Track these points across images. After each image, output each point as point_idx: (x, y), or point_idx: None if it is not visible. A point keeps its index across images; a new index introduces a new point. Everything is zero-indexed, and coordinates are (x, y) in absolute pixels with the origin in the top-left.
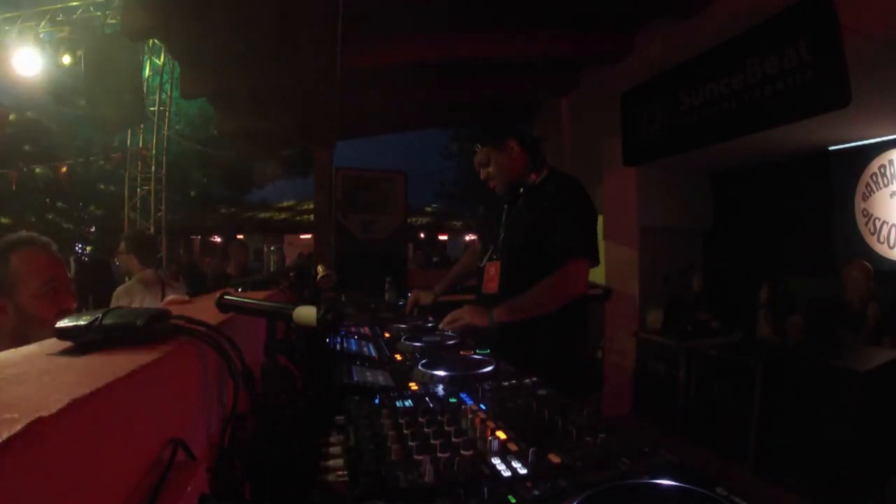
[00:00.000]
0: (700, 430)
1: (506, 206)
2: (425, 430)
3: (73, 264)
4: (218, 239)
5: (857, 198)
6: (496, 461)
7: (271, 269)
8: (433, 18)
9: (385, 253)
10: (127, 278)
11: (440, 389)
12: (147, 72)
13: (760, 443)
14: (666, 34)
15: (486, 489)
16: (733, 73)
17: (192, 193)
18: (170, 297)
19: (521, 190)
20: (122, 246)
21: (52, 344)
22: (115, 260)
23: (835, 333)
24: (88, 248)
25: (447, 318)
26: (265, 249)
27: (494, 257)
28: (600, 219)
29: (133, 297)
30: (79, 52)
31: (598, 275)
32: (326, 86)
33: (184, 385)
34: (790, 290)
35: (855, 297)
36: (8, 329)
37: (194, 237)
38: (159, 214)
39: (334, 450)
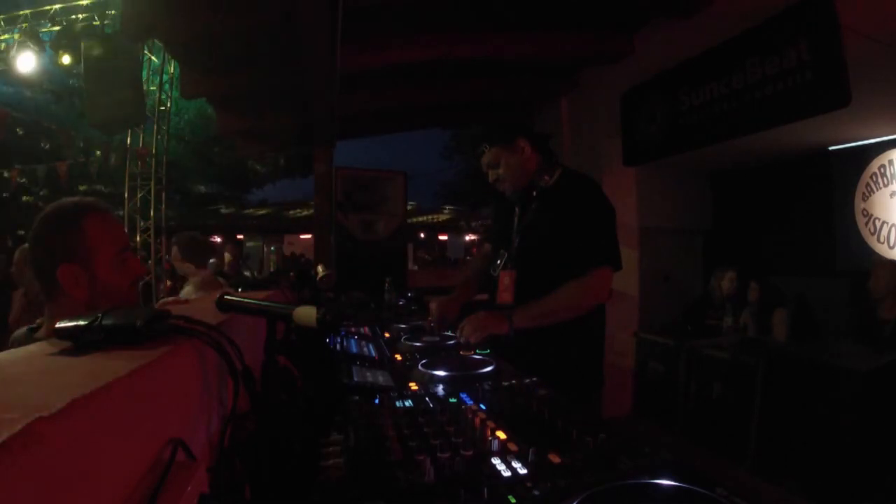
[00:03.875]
0: (700, 430)
1: (517, 209)
2: (425, 430)
3: None
4: (218, 239)
5: (857, 198)
6: (496, 461)
7: (271, 269)
8: (433, 19)
9: (385, 253)
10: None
11: (440, 389)
12: (147, 72)
13: (760, 443)
14: (666, 34)
15: (486, 489)
16: (733, 73)
17: (192, 193)
18: (170, 297)
19: (534, 193)
20: (177, 253)
21: (52, 344)
22: (171, 265)
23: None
24: None
25: (466, 329)
26: (264, 249)
27: (509, 266)
28: None
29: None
30: (79, 52)
31: None
32: (326, 86)
33: (184, 385)
34: (773, 287)
35: (888, 298)
36: (82, 302)
37: None
38: (159, 214)
39: (334, 450)
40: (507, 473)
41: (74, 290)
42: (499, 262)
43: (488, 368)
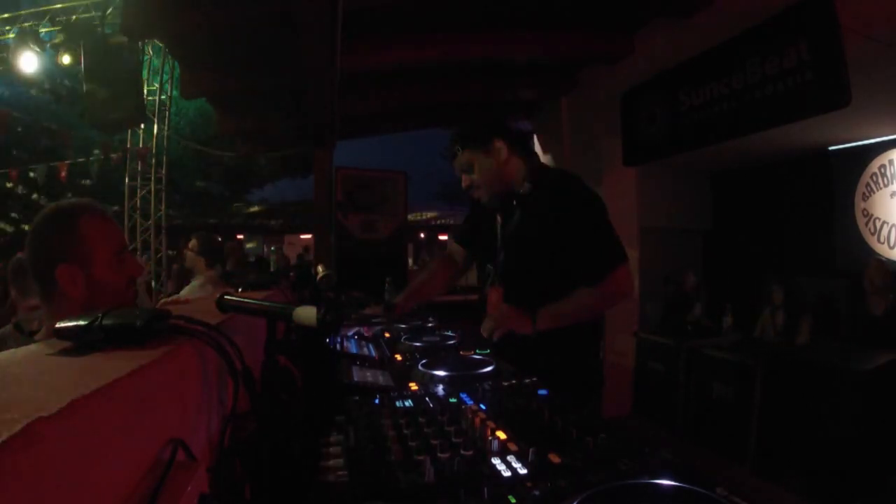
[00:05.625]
0: (700, 430)
1: (499, 218)
2: (425, 430)
3: None
4: (218, 239)
5: (857, 198)
6: (496, 461)
7: (271, 270)
8: (433, 19)
9: (385, 253)
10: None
11: (440, 389)
12: (147, 72)
13: (760, 443)
14: (666, 34)
15: (486, 489)
16: (733, 73)
17: (192, 193)
18: (170, 297)
19: (514, 201)
20: (195, 246)
21: (52, 344)
22: (183, 255)
23: (841, 335)
24: None
25: (489, 324)
26: (265, 249)
27: (496, 282)
28: None
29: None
30: (79, 52)
31: None
32: (326, 86)
33: (184, 385)
34: (799, 291)
35: (879, 298)
36: (79, 302)
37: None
38: (159, 214)
39: (334, 450)
40: (507, 473)
41: (72, 290)
42: (487, 279)
43: (488, 368)
